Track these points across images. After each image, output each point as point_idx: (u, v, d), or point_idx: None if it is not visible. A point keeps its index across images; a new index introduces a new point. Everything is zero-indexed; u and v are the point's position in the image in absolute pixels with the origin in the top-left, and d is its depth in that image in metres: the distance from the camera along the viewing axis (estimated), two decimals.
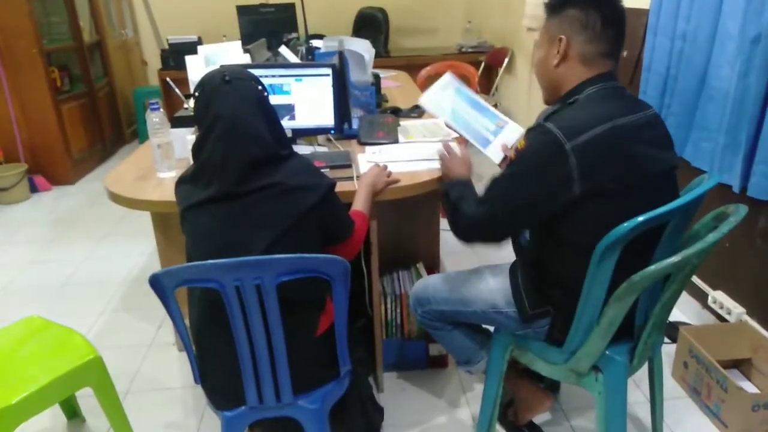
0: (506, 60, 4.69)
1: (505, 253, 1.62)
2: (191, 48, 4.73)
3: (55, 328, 1.63)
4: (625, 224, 1.16)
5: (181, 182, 1.32)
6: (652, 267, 1.14)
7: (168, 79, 1.82)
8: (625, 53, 2.71)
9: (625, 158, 1.20)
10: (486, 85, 4.92)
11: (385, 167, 1.70)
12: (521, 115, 4.40)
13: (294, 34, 3.80)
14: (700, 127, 2.14)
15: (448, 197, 1.43)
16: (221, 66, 1.33)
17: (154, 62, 5.44)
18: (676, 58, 2.21)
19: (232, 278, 1.12)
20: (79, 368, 1.47)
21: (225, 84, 1.23)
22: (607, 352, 1.33)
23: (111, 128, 5.06)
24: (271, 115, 1.29)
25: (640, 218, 1.15)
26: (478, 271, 1.55)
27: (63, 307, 2.61)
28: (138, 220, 3.44)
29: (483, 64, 4.92)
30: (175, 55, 4.55)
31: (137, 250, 3.15)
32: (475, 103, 1.76)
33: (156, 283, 1.14)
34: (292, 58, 2.60)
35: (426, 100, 1.74)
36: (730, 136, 1.92)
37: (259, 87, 1.29)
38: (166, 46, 4.83)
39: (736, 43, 1.88)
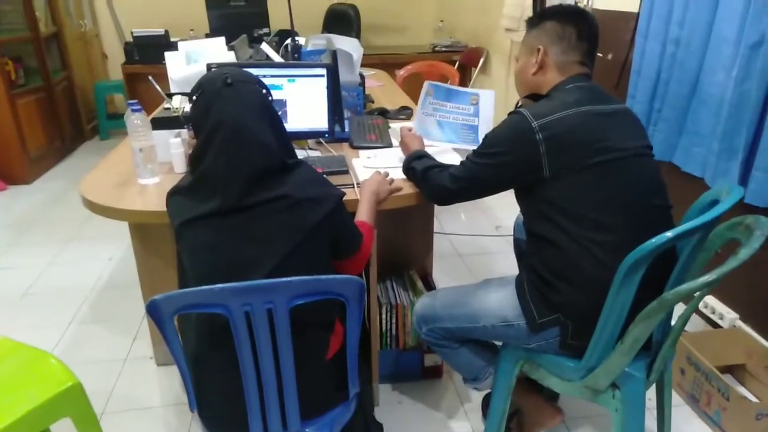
0: (482, 60, 4.66)
1: (509, 263, 1.57)
2: (157, 41, 4.55)
3: (27, 351, 1.48)
4: (653, 240, 1.13)
5: (175, 194, 1.21)
6: (686, 285, 1.10)
7: (150, 77, 1.68)
8: (609, 56, 2.70)
9: (592, 138, 1.26)
10: (461, 85, 4.88)
11: (387, 174, 1.62)
12: (497, 115, 4.37)
13: (265, 30, 3.67)
14: (691, 132, 2.14)
15: (414, 170, 1.56)
16: (219, 66, 1.23)
17: (117, 55, 5.19)
18: (668, 62, 2.20)
19: (240, 303, 1.02)
20: (56, 397, 1.33)
21: (227, 87, 1.13)
22: (626, 369, 1.29)
23: (70, 124, 4.80)
24: (277, 121, 1.19)
25: (669, 234, 1.12)
26: (484, 285, 1.50)
27: (24, 320, 2.42)
28: (105, 223, 3.21)
29: (457, 64, 4.88)
30: (140, 49, 4.34)
31: (105, 254, 2.96)
32: (448, 94, 1.85)
33: (154, 309, 1.03)
34: (275, 57, 2.48)
35: (418, 129, 1.82)
36: (725, 141, 1.92)
37: (263, 90, 1.19)
38: (130, 39, 4.60)
39: (732, 48, 1.88)
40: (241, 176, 1.11)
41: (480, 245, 3.05)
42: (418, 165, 1.55)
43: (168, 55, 1.92)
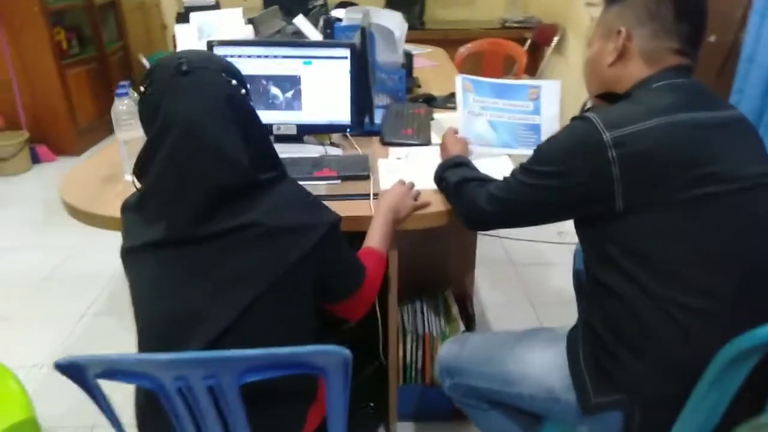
0: (556, 39, 4.17)
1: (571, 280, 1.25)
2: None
3: None
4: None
5: (126, 209, 0.95)
6: None
7: (142, 55, 1.43)
8: (713, 38, 2.22)
9: (690, 160, 0.91)
10: (531, 66, 4.40)
11: (412, 185, 1.29)
12: (571, 104, 3.89)
13: (320, 1, 3.38)
14: None
15: (446, 180, 1.24)
16: (221, 44, 0.95)
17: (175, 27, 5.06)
18: None
19: (171, 377, 0.75)
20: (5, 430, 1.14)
21: (181, 76, 0.84)
22: None
23: None
24: (249, 122, 0.90)
25: None
26: (527, 337, 1.17)
27: (40, 308, 2.31)
28: None
29: (529, 42, 4.41)
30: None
31: None
32: (498, 90, 1.54)
33: (75, 371, 0.78)
34: (311, 32, 2.18)
35: (464, 131, 1.49)
36: None
37: (233, 81, 0.89)
38: (182, 10, 4.44)
39: None
40: (195, 196, 0.84)
41: (538, 253, 2.67)
42: (452, 175, 1.22)
43: (178, 28, 1.67)
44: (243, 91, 0.90)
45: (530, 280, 2.46)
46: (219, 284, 0.85)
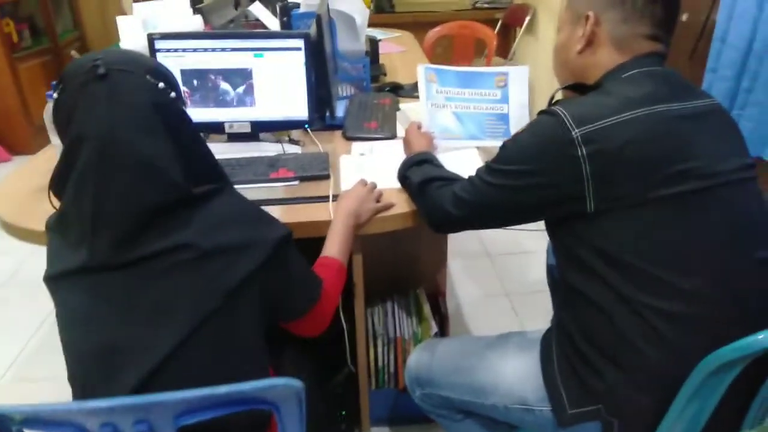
0: (527, 19, 4.08)
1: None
2: None
3: None
4: (760, 338, 0.70)
5: (48, 228, 0.85)
6: None
7: (74, 52, 1.32)
8: (685, 16, 2.16)
9: (664, 157, 0.84)
10: (503, 48, 4.33)
11: (374, 186, 1.21)
12: (544, 84, 3.83)
13: None
14: None
15: (409, 180, 1.16)
16: (162, 37, 0.85)
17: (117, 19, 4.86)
18: (766, 27, 1.68)
19: (98, 423, 0.67)
20: None
21: (97, 81, 0.74)
22: None
23: None
24: (180, 130, 0.80)
25: None
26: (499, 344, 1.11)
27: None
28: None
29: (500, 23, 4.32)
30: None
31: None
32: (462, 78, 1.45)
33: None
34: (270, 21, 2.07)
35: (430, 125, 1.42)
36: None
37: (160, 84, 0.79)
38: None
39: None
40: (116, 219, 0.74)
41: (514, 242, 2.61)
42: (415, 174, 1.14)
43: (120, 20, 1.55)
44: (173, 94, 0.80)
45: (506, 271, 2.41)
46: (150, 314, 0.76)
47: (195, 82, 1.34)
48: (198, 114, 1.38)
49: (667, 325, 0.84)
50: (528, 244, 2.58)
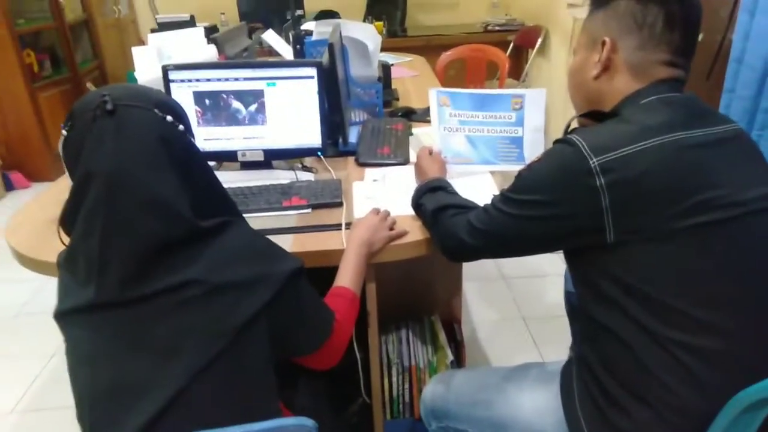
0: (539, 41, 4.10)
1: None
2: (182, 28, 4.26)
3: None
4: None
5: (59, 265, 0.85)
6: None
7: (89, 84, 1.33)
8: (700, 37, 2.14)
9: (685, 186, 0.81)
10: (515, 70, 4.34)
11: (387, 214, 1.20)
12: (557, 106, 3.82)
13: (298, 12, 3.30)
14: None
15: (423, 207, 1.15)
16: (176, 68, 0.85)
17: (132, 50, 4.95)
18: None
19: None
20: None
21: (105, 117, 0.74)
22: None
23: None
24: (189, 164, 0.80)
25: None
26: (517, 376, 1.07)
27: (6, 346, 2.19)
28: None
29: (511, 46, 4.34)
30: None
31: None
32: (477, 100, 1.44)
33: None
34: (283, 48, 2.09)
35: (443, 149, 1.42)
36: None
37: (167, 117, 0.79)
38: (156, 27, 4.33)
39: None
40: (125, 255, 0.73)
41: (531, 265, 2.57)
42: (429, 202, 1.13)
43: (135, 50, 1.57)
44: (181, 127, 0.80)
45: (522, 294, 2.37)
46: (158, 351, 0.74)
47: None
48: (210, 134, 1.38)
49: (695, 359, 0.81)
50: (545, 267, 2.54)
